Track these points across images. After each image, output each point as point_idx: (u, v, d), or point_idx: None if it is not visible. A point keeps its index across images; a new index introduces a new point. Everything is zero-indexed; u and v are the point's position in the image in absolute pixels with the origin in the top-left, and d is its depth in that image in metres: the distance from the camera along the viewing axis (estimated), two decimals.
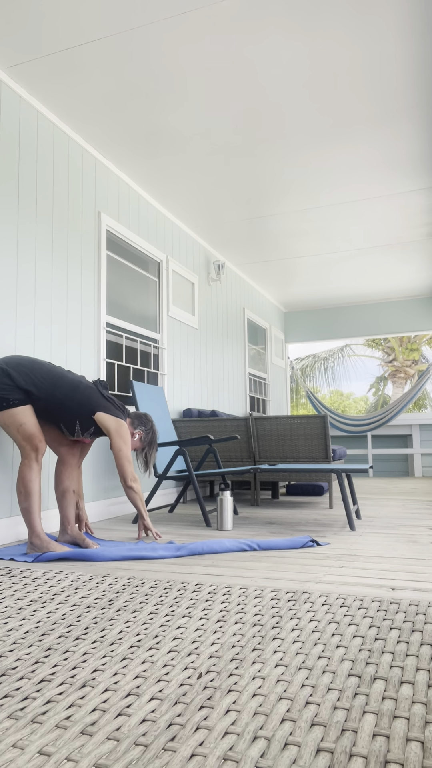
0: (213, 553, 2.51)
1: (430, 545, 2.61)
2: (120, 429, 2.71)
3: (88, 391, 2.68)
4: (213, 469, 4.64)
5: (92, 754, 0.88)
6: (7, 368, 2.55)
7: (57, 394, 2.59)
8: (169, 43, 2.79)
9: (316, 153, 3.91)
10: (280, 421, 4.40)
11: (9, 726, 0.98)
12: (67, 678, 1.18)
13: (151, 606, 1.69)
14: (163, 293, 4.71)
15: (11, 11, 2.57)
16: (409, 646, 1.32)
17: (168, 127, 3.56)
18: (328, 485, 4.40)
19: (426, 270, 6.62)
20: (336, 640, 1.37)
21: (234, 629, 1.47)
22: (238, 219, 5.06)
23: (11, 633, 1.47)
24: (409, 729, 0.94)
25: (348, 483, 3.57)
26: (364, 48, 2.84)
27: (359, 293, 7.63)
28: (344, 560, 2.32)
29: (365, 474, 7.87)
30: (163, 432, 4.04)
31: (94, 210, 3.78)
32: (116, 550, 2.47)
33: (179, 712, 1.02)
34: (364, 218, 5.08)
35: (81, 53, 2.86)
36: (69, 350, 3.42)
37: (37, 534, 2.51)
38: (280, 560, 2.35)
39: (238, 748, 0.89)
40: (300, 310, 8.55)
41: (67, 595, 1.83)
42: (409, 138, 3.71)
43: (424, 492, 5.31)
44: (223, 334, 6.08)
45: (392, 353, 15.41)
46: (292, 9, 2.59)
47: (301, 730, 0.94)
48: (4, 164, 2.99)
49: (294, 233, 5.42)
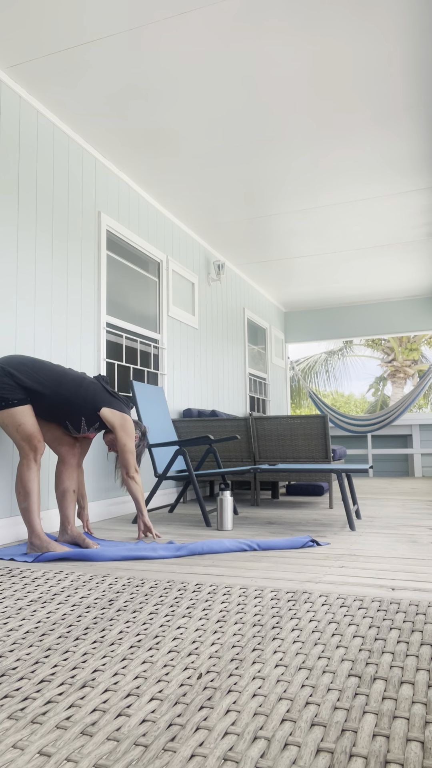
0: (213, 553, 2.51)
1: (430, 545, 2.61)
2: (125, 424, 2.75)
3: (92, 386, 2.71)
4: (213, 469, 4.64)
5: (92, 755, 0.88)
6: (8, 368, 2.55)
7: (62, 391, 2.61)
8: (169, 43, 2.79)
9: (316, 153, 3.91)
10: (280, 421, 4.40)
11: (9, 726, 0.98)
12: (67, 678, 1.18)
13: (151, 606, 1.69)
14: (163, 293, 4.71)
15: (11, 11, 2.57)
16: (409, 646, 1.32)
17: (168, 127, 3.56)
18: (328, 485, 4.40)
19: (426, 270, 6.62)
20: (336, 640, 1.37)
21: (234, 629, 1.47)
22: (238, 219, 5.06)
23: (11, 633, 1.47)
24: (409, 729, 0.94)
25: (348, 483, 3.57)
26: (364, 48, 2.84)
27: (359, 293, 7.62)
28: (344, 560, 2.32)
29: (365, 474, 7.87)
30: (163, 432, 4.03)
31: (94, 210, 3.78)
32: (116, 550, 2.47)
33: (179, 713, 1.02)
34: (364, 218, 5.08)
35: (81, 53, 2.85)
36: (69, 350, 3.42)
37: (37, 534, 2.51)
38: (280, 560, 2.35)
39: (238, 748, 0.89)
40: (300, 310, 8.55)
41: (67, 595, 1.83)
42: (409, 138, 3.71)
43: (424, 492, 5.31)
44: (223, 334, 6.08)
45: (392, 353, 15.41)
46: (292, 9, 2.59)
47: (301, 730, 0.94)
48: (4, 164, 2.99)
49: (294, 233, 5.42)
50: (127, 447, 2.77)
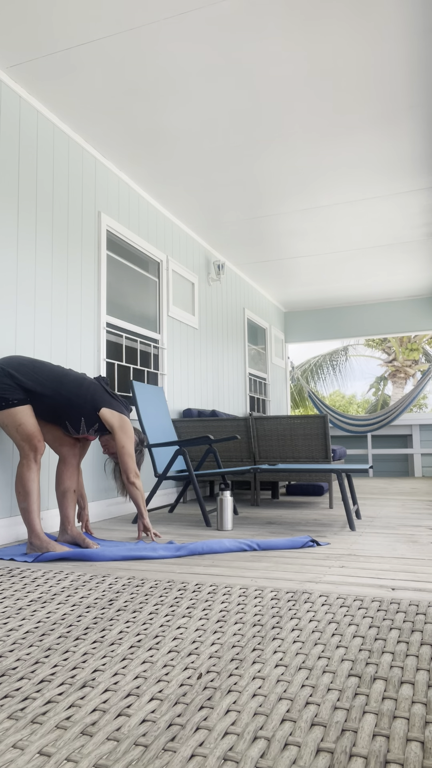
0: (213, 553, 2.51)
1: (430, 545, 2.61)
2: (124, 425, 2.73)
3: (93, 387, 2.70)
4: (213, 469, 4.64)
5: (92, 755, 0.88)
6: (8, 369, 2.55)
7: (62, 391, 2.61)
8: (169, 43, 2.79)
9: (316, 153, 3.91)
10: (280, 421, 4.40)
11: (9, 726, 0.98)
12: (67, 678, 1.18)
13: (151, 606, 1.69)
14: (163, 293, 4.71)
15: (11, 11, 2.57)
16: (409, 646, 1.32)
17: (168, 127, 3.56)
18: (328, 485, 4.40)
19: (426, 270, 6.62)
20: (336, 640, 1.37)
21: (234, 629, 1.47)
22: (238, 219, 5.06)
23: (11, 633, 1.47)
24: (409, 729, 0.94)
25: (348, 483, 3.56)
26: (364, 48, 2.84)
27: (359, 293, 7.62)
28: (344, 560, 2.32)
29: (365, 474, 7.87)
30: (163, 432, 4.03)
31: (94, 210, 3.78)
32: (116, 550, 2.47)
33: (179, 713, 1.02)
34: (364, 218, 5.08)
35: (81, 53, 2.85)
36: (69, 350, 3.42)
37: (37, 534, 2.51)
38: (280, 560, 2.35)
39: (238, 748, 0.89)
40: (300, 310, 8.55)
41: (67, 595, 1.83)
42: (409, 138, 3.71)
43: (424, 492, 5.31)
44: (223, 334, 6.08)
45: (392, 353, 15.41)
46: (292, 9, 2.59)
47: (301, 730, 0.94)
48: (4, 164, 2.99)
49: (294, 233, 5.42)
50: (126, 449, 2.74)
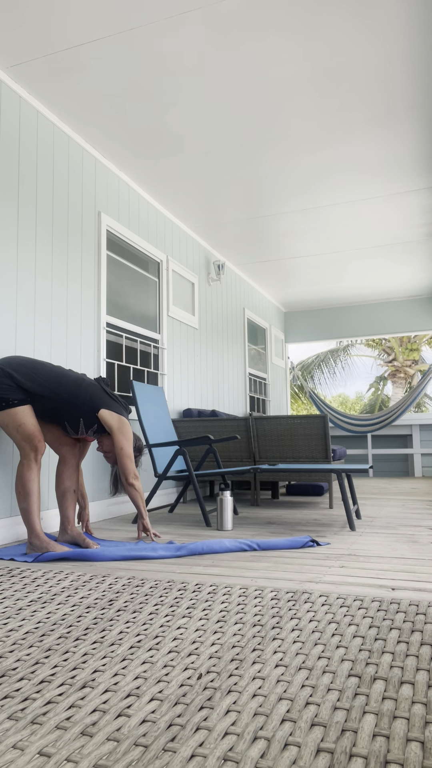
0: (213, 553, 2.51)
1: (430, 545, 2.61)
2: (122, 426, 2.73)
3: (92, 388, 2.70)
4: (213, 469, 4.64)
5: (92, 755, 0.88)
6: (8, 369, 2.55)
7: (61, 392, 2.60)
8: (169, 43, 2.79)
9: (316, 153, 3.91)
10: (280, 421, 4.40)
11: (9, 727, 0.98)
12: (68, 679, 1.18)
13: (151, 606, 1.69)
14: (163, 293, 4.71)
15: (11, 11, 2.57)
16: (409, 646, 1.32)
17: (168, 127, 3.56)
18: (328, 485, 4.40)
19: (426, 270, 6.62)
20: (336, 641, 1.37)
21: (234, 629, 1.47)
22: (238, 219, 5.06)
23: (11, 633, 1.47)
24: (409, 729, 0.94)
25: (348, 483, 3.56)
26: (364, 48, 2.84)
27: (359, 293, 7.62)
28: (344, 560, 2.32)
29: (365, 474, 7.87)
30: (163, 432, 4.03)
31: (94, 210, 3.78)
32: (116, 550, 2.47)
33: (179, 713, 1.02)
34: (364, 218, 5.08)
35: (81, 53, 2.85)
36: (69, 350, 3.42)
37: (37, 534, 2.51)
38: (280, 560, 2.35)
39: (238, 748, 0.89)
40: (300, 310, 8.55)
41: (67, 595, 1.83)
42: (409, 138, 3.71)
43: (424, 492, 5.31)
44: (223, 334, 6.07)
45: (392, 353, 15.41)
46: (293, 9, 2.59)
47: (301, 730, 0.94)
48: (4, 164, 2.99)
49: (294, 233, 5.41)
50: (125, 451, 2.73)
